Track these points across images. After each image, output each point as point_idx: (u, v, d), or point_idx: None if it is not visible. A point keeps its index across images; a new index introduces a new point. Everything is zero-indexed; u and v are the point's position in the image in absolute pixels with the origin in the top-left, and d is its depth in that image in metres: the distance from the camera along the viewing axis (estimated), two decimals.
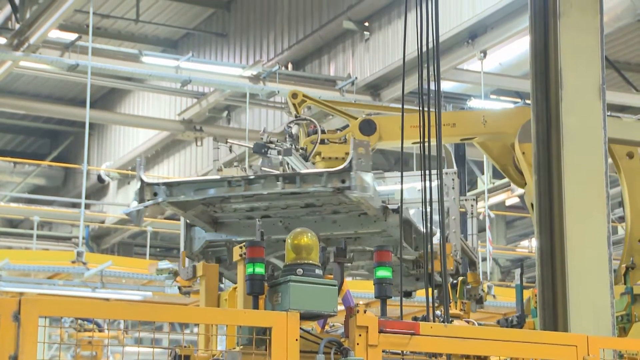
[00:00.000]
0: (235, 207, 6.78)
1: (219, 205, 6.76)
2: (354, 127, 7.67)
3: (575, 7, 5.94)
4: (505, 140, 7.77)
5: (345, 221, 6.94)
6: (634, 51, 18.55)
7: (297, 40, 18.30)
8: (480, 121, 7.80)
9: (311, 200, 6.60)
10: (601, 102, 5.89)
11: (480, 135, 7.86)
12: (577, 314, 5.55)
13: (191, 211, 6.83)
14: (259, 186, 6.42)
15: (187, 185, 6.52)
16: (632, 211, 7.63)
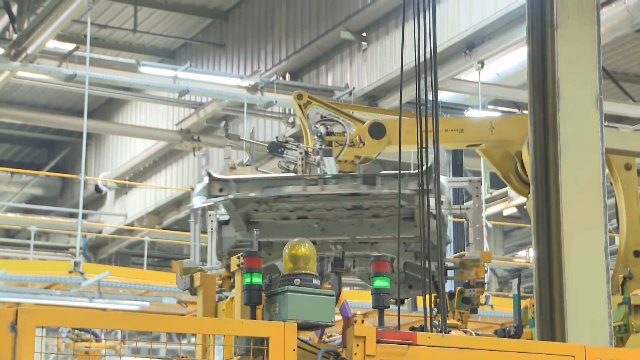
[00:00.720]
0: (280, 207, 6.71)
1: (271, 204, 6.67)
2: (363, 130, 7.61)
3: (572, 18, 5.95)
4: (509, 147, 7.76)
5: (383, 225, 6.96)
6: (631, 62, 18.58)
7: (295, 50, 18.32)
8: (487, 127, 7.79)
9: (370, 203, 6.56)
10: (598, 113, 5.90)
11: (486, 142, 7.85)
12: (575, 324, 5.55)
13: (241, 209, 6.75)
14: (334, 186, 6.39)
15: (257, 182, 6.47)
16: (628, 223, 7.63)
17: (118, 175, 23.59)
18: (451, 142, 7.97)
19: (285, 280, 5.21)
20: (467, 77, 16.25)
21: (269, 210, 6.80)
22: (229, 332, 5.22)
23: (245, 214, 6.88)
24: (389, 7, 16.06)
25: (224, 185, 6.53)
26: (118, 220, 24.23)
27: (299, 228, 6.70)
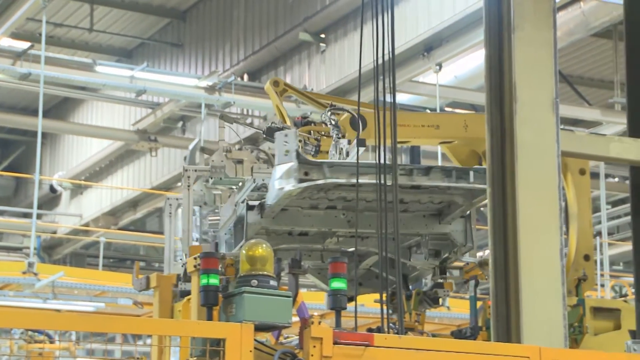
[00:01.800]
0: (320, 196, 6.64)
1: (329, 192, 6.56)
2: (344, 122, 7.52)
3: (529, 21, 5.99)
4: (478, 146, 7.78)
5: (410, 220, 6.96)
6: (586, 65, 18.78)
7: (253, 51, 18.29)
8: (462, 125, 7.80)
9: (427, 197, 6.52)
10: (555, 116, 5.94)
11: (459, 140, 7.86)
12: (530, 326, 5.58)
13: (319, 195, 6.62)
14: (424, 177, 6.33)
15: (347, 167, 6.36)
16: (580, 227, 7.70)
17: (73, 175, 23.40)
18: (427, 138, 7.97)
19: (242, 281, 5.20)
20: (425, 79, 16.32)
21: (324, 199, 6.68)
22: (185, 333, 5.20)
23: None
24: (347, 8, 16.08)
25: (311, 169, 6.35)
26: (73, 220, 24.04)
27: (324, 218, 6.67)
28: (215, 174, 7.09)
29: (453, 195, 6.80)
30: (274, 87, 7.83)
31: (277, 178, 6.37)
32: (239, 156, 7.03)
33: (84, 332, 4.91)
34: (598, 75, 19.05)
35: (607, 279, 18.91)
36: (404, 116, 7.04)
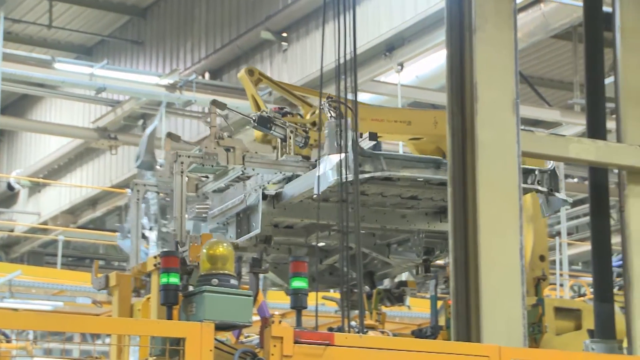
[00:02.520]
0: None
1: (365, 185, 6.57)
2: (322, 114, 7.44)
3: (490, 22, 6.01)
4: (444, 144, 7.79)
5: (414, 217, 6.96)
6: (546, 67, 18.90)
7: (215, 49, 18.22)
8: (432, 122, 7.79)
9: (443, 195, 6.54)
10: (515, 116, 5.97)
11: (428, 136, 7.85)
12: (490, 325, 5.60)
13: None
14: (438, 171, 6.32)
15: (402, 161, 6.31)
16: (536, 229, 7.76)
17: (32, 172, 23.16)
18: (398, 134, 7.96)
19: (202, 280, 5.17)
20: (386, 79, 16.34)
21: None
22: (145, 332, 5.17)
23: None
24: (309, 7, 16.07)
25: (365, 160, 6.27)
26: (31, 218, 23.81)
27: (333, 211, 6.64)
28: (207, 161, 6.95)
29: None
30: (249, 76, 7.72)
31: (330, 168, 6.28)
32: (230, 144, 6.91)
33: (41, 331, 4.85)
34: (558, 77, 19.19)
35: (566, 279, 19.05)
36: (378, 111, 7.03)
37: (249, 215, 6.90)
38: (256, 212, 6.73)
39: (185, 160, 6.83)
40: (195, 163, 6.88)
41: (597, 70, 6.77)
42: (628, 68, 6.55)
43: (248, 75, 7.72)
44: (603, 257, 6.55)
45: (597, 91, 6.75)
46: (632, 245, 6.28)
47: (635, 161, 6.35)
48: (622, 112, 6.49)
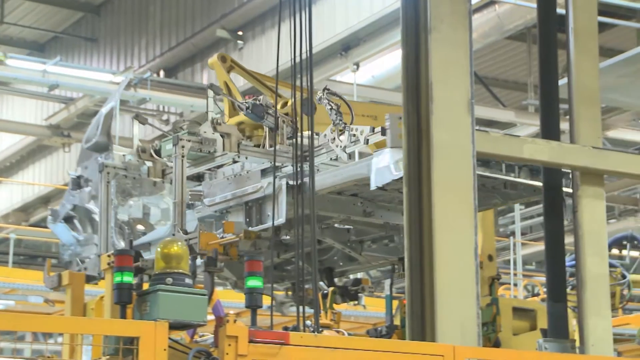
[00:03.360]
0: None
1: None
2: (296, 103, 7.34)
3: (445, 22, 6.03)
4: None
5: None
6: (501, 67, 19.04)
7: (170, 47, 18.14)
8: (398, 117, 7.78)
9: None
10: (470, 117, 5.99)
11: None
12: (445, 324, 5.62)
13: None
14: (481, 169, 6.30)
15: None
16: (484, 229, 7.82)
17: None
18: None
19: (156, 279, 5.14)
20: (342, 78, 16.37)
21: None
22: (98, 331, 5.13)
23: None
24: (265, 6, 16.05)
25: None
26: None
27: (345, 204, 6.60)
28: (206, 147, 6.83)
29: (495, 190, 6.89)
30: (221, 63, 7.59)
31: (393, 162, 6.21)
32: (226, 130, 6.79)
33: None
34: (512, 77, 19.34)
35: (520, 279, 19.21)
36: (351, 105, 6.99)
37: (262, 205, 6.81)
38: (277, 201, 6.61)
39: (185, 144, 6.71)
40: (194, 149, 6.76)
41: (550, 72, 6.83)
42: (581, 69, 6.61)
43: (220, 61, 7.58)
44: (556, 257, 6.61)
45: (551, 92, 6.80)
46: (585, 245, 6.34)
47: (588, 162, 6.41)
48: (575, 113, 6.55)
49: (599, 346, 6.18)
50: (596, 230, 6.38)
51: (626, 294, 10.18)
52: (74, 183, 7.67)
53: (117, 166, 7.24)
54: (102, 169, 7.21)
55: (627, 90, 14.54)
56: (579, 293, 6.31)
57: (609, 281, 6.68)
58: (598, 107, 6.62)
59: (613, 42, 17.15)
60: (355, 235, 7.47)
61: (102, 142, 7.56)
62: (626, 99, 15.10)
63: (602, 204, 6.44)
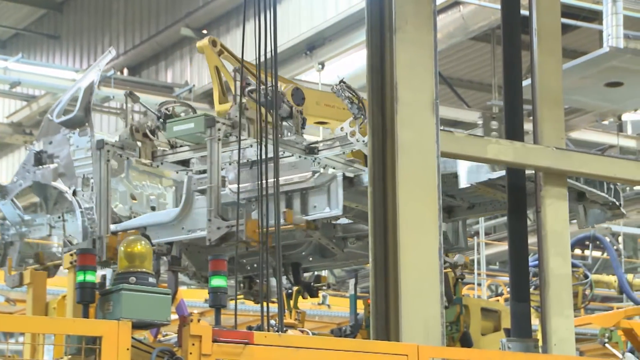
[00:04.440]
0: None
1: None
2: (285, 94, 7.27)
3: (410, 23, 6.04)
4: None
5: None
6: (465, 68, 19.14)
7: (134, 45, 18.05)
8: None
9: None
10: (435, 117, 6.01)
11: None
12: (409, 324, 5.63)
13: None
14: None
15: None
16: None
17: None
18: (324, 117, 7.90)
19: (120, 278, 5.11)
20: (307, 77, 16.36)
21: None
22: (60, 331, 5.09)
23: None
24: (229, 5, 16.02)
25: None
26: None
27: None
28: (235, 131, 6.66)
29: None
30: (212, 47, 7.46)
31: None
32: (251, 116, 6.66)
33: None
34: (477, 78, 19.44)
35: (483, 279, 19.31)
36: (331, 97, 6.99)
37: (306, 195, 6.75)
38: (328, 192, 6.56)
39: (221, 127, 6.57)
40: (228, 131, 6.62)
41: (514, 73, 6.86)
42: (545, 71, 6.64)
43: (211, 45, 7.47)
44: (520, 257, 6.64)
45: (515, 93, 6.84)
46: (548, 245, 6.38)
47: (552, 162, 6.45)
48: (538, 114, 6.58)
49: (562, 346, 6.22)
50: (559, 230, 6.42)
51: (588, 294, 10.28)
52: (35, 158, 7.37)
53: (116, 144, 7.03)
54: (101, 146, 6.95)
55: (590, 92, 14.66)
56: (542, 293, 6.34)
57: (572, 281, 6.72)
58: (561, 108, 6.66)
59: (576, 43, 17.29)
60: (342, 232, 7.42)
61: (79, 117, 7.30)
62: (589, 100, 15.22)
63: (565, 204, 6.48)
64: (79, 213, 7.01)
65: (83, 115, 7.30)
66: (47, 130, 7.51)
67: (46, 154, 7.37)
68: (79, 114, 7.27)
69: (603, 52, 13.56)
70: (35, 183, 7.35)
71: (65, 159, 7.23)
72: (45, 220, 7.42)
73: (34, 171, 7.37)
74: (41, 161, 7.36)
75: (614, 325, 9.97)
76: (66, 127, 7.32)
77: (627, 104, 15.91)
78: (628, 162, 7.15)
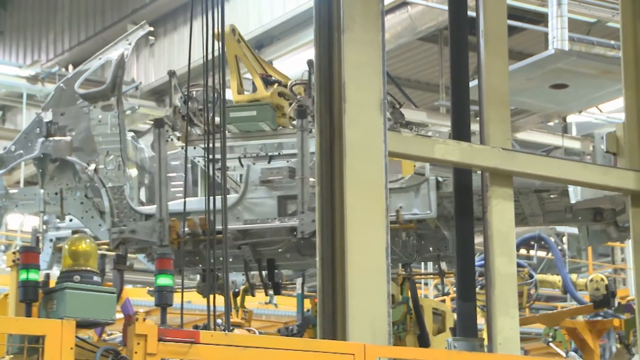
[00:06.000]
0: None
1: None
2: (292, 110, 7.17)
3: (358, 23, 6.05)
4: None
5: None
6: (413, 68, 19.21)
7: (79, 41, 17.86)
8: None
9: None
10: (382, 117, 6.02)
11: None
12: (356, 323, 5.64)
13: None
14: None
15: None
16: None
17: None
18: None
19: (64, 276, 5.05)
20: None
21: None
22: (1, 330, 5.01)
23: None
24: (177, 2, 15.93)
25: None
26: None
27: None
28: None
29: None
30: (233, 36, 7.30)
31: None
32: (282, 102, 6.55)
33: None
34: (424, 79, 19.54)
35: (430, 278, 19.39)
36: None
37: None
38: (428, 197, 6.54)
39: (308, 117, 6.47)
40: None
41: (461, 74, 6.90)
42: (491, 72, 6.69)
43: (232, 33, 7.32)
44: (466, 257, 6.68)
45: (462, 94, 6.88)
46: (494, 245, 6.42)
47: (498, 163, 6.49)
48: (485, 115, 6.62)
49: (507, 345, 6.26)
50: (505, 230, 6.46)
51: (533, 294, 10.37)
52: (46, 129, 7.03)
53: (168, 124, 6.85)
54: (161, 125, 6.72)
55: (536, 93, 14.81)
56: (488, 292, 6.38)
57: (517, 281, 6.78)
58: (507, 109, 6.71)
59: (522, 45, 17.46)
60: None
61: (105, 91, 7.03)
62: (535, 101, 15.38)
63: (510, 204, 6.53)
64: (103, 192, 6.71)
65: (110, 89, 7.02)
66: (58, 100, 7.11)
67: (56, 125, 7.01)
68: (107, 88, 6.98)
69: (548, 54, 13.72)
70: (45, 155, 6.97)
71: (82, 132, 6.89)
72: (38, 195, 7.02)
73: (41, 142, 7.00)
74: (51, 132, 7.00)
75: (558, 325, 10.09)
76: (87, 99, 7.00)
77: (572, 105, 16.12)
78: (572, 163, 7.23)
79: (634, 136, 6.88)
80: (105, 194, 6.73)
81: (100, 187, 6.76)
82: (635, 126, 6.88)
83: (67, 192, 6.99)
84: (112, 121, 6.95)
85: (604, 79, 14.45)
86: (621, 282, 21.17)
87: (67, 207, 6.98)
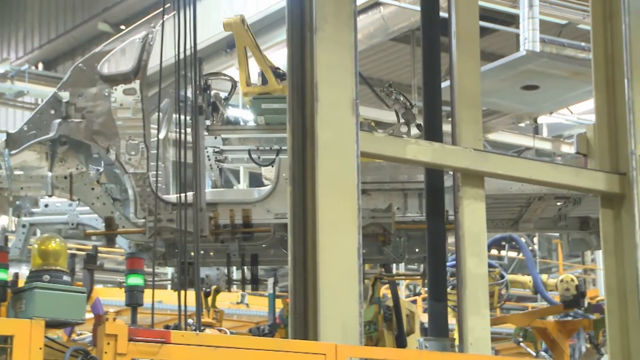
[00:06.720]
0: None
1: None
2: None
3: (330, 23, 6.05)
4: None
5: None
6: (385, 68, 19.26)
7: (49, 39, 17.78)
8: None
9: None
10: (355, 117, 6.02)
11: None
12: (327, 323, 5.63)
13: None
14: None
15: None
16: None
17: None
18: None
19: (33, 276, 5.02)
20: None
21: None
22: None
23: None
24: (148, 0, 15.87)
25: None
26: None
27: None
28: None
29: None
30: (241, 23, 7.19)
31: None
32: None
33: None
34: (397, 79, 19.58)
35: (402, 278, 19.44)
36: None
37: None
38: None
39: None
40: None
41: (434, 74, 6.92)
42: (463, 72, 6.70)
43: (243, 24, 7.21)
44: (437, 257, 6.70)
45: (434, 94, 6.89)
46: (465, 245, 6.43)
47: (469, 163, 6.50)
48: (457, 116, 6.64)
49: (478, 345, 6.28)
50: (476, 231, 6.48)
51: (504, 294, 10.42)
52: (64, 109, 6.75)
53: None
54: (201, 112, 6.54)
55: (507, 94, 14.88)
56: (459, 292, 6.40)
57: (488, 281, 6.79)
58: (479, 109, 6.73)
59: (494, 46, 17.55)
60: None
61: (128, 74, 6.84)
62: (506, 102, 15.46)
63: (482, 205, 6.54)
64: (126, 178, 6.52)
65: (134, 72, 6.86)
66: (76, 80, 6.91)
67: (74, 106, 6.82)
68: (130, 71, 6.81)
69: (520, 56, 13.79)
70: (62, 137, 6.74)
71: (103, 116, 6.67)
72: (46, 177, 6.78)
73: (58, 123, 6.78)
74: (69, 114, 6.79)
75: (529, 325, 10.14)
76: (108, 82, 6.83)
77: (543, 106, 16.21)
78: (543, 164, 7.26)
79: (604, 137, 6.91)
80: (129, 181, 6.53)
81: (122, 173, 6.58)
82: (606, 128, 6.92)
83: (77, 177, 6.78)
84: (135, 106, 6.78)
85: (574, 81, 14.56)
86: (591, 282, 21.32)
87: (75, 192, 6.76)
